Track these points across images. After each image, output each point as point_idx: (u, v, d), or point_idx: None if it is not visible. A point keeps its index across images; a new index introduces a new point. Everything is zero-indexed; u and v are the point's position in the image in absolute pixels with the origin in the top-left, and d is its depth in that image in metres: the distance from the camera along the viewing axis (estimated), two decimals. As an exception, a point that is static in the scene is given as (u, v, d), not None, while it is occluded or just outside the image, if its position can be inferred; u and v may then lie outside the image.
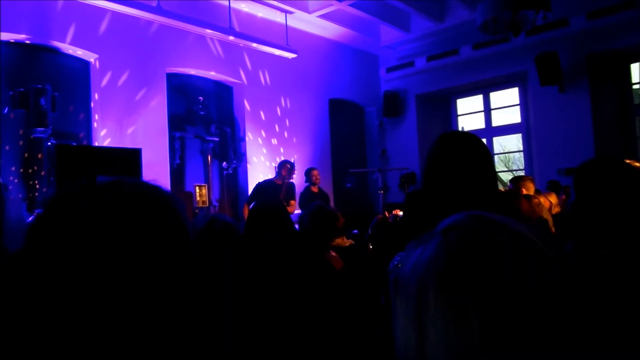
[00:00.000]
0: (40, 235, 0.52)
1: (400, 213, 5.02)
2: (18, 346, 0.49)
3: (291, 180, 5.99)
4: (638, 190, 1.36)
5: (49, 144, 5.02)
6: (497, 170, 9.39)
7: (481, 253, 0.51)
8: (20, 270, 0.51)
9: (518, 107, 8.27)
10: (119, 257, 0.51)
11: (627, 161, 1.63)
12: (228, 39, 6.39)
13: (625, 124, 7.17)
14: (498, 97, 8.69)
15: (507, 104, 8.59)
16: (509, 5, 5.27)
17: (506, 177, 10.24)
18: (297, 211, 5.71)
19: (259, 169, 7.12)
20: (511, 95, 8.46)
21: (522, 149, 8.40)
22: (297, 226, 2.67)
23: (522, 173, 8.12)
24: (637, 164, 2.21)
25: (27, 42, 5.20)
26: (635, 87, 7.31)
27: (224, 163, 6.85)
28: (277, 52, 6.86)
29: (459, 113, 9.11)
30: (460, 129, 8.69)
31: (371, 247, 3.79)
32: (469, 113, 9.06)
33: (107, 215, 0.53)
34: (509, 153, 10.64)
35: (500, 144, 9.47)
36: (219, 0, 6.55)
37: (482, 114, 8.71)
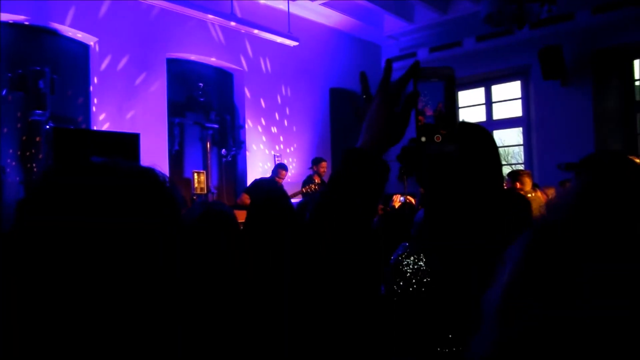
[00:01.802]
0: (28, 209, 0.52)
1: (401, 198, 5.06)
2: (8, 325, 0.49)
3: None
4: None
5: (47, 127, 5.00)
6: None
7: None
8: (9, 247, 0.50)
9: (519, 100, 8.24)
10: (108, 234, 0.51)
11: (629, 157, 1.62)
12: (229, 24, 6.33)
13: (626, 120, 7.16)
14: (499, 90, 8.66)
15: (508, 97, 8.55)
16: (514, -3, 5.23)
17: (504, 171, 10.24)
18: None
19: (258, 156, 7.10)
20: (513, 88, 8.42)
21: (520, 142, 8.38)
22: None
23: (521, 167, 8.12)
24: (638, 160, 2.20)
25: (26, 23, 5.15)
26: (637, 83, 7.28)
27: (223, 150, 6.84)
28: (279, 39, 6.80)
29: (460, 105, 9.07)
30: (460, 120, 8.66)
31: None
32: (470, 105, 9.03)
33: (98, 192, 0.52)
34: (508, 147, 10.62)
35: (499, 137, 9.45)
36: (221, -15, 6.49)
37: (484, 106, 8.69)
